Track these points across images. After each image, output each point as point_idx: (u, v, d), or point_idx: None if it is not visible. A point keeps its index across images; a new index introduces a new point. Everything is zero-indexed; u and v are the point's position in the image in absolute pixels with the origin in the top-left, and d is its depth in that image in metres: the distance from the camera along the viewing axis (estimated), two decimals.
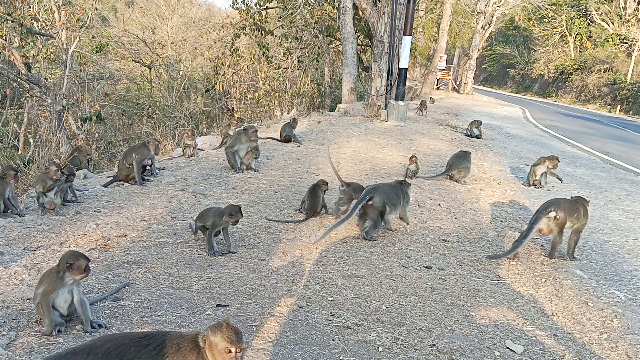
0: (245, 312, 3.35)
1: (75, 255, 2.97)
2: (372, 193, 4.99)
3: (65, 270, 2.93)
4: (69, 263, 2.92)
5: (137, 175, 6.34)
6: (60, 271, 2.93)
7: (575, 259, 4.96)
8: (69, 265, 2.92)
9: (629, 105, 35.70)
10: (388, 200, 5.09)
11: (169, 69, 21.76)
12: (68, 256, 2.96)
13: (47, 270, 3.10)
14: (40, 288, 2.94)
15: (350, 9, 15.19)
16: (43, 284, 2.96)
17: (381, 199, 5.02)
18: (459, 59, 44.20)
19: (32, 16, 13.14)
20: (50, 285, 2.94)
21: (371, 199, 4.96)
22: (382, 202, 5.01)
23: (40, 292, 2.94)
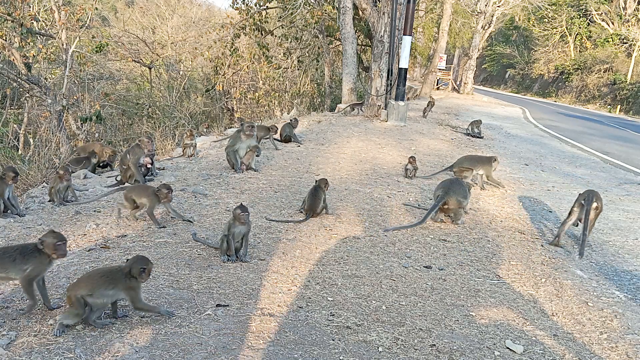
0: (245, 312, 3.35)
1: (146, 260, 3.12)
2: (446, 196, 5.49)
3: (138, 275, 3.06)
4: (143, 268, 3.06)
5: (138, 176, 6.33)
6: (132, 276, 3.05)
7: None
8: (143, 269, 3.06)
9: (629, 105, 35.70)
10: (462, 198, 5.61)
11: (169, 69, 21.76)
12: (139, 260, 3.09)
13: (106, 270, 3.14)
14: (112, 290, 3.03)
15: (350, 9, 15.19)
16: (117, 288, 3.03)
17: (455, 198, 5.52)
18: (459, 59, 44.20)
19: (32, 16, 13.15)
20: (137, 290, 3.08)
21: (446, 202, 5.52)
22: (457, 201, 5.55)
23: (124, 296, 3.07)
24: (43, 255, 3.12)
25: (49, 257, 3.13)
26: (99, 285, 3.01)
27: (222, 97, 20.74)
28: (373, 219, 5.60)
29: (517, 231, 5.76)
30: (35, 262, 3.10)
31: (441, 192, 5.58)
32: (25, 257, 3.10)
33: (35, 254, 3.12)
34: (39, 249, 3.12)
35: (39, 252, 3.12)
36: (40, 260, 3.11)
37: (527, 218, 6.34)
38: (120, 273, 3.06)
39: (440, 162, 9.35)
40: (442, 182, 5.89)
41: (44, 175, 8.28)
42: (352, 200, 6.27)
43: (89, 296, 2.97)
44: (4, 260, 3.09)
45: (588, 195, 5.30)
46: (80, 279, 3.10)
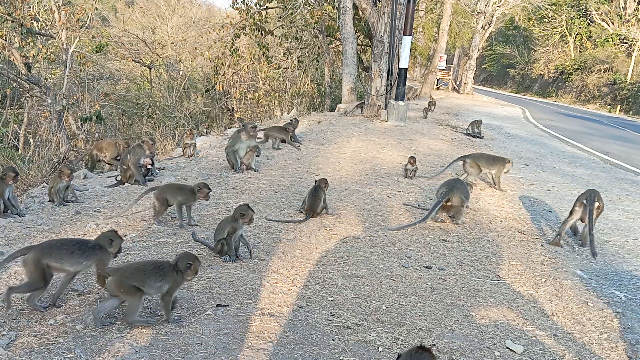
0: (245, 312, 3.35)
1: (193, 257, 3.17)
2: (449, 193, 5.49)
3: (184, 271, 3.11)
4: (189, 263, 3.12)
5: (138, 177, 6.34)
6: (179, 271, 3.10)
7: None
8: (189, 265, 3.12)
9: (629, 105, 35.71)
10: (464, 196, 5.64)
11: (169, 69, 21.75)
12: (187, 257, 3.16)
13: (157, 263, 3.19)
14: (164, 285, 3.09)
15: (350, 9, 15.18)
16: (164, 280, 3.08)
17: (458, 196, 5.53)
18: (459, 59, 44.20)
19: (32, 16, 13.14)
20: (176, 284, 3.13)
21: (450, 199, 5.51)
22: (460, 199, 5.55)
23: (168, 289, 3.11)
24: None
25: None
26: (150, 277, 3.05)
27: (222, 97, 20.73)
28: (373, 219, 5.60)
29: (517, 231, 5.76)
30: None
31: (445, 189, 5.60)
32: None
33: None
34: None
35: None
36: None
37: (527, 218, 6.34)
38: (170, 267, 3.12)
39: (440, 162, 9.35)
40: (446, 181, 5.89)
41: (44, 175, 8.28)
42: (352, 200, 6.27)
43: (143, 289, 3.04)
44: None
45: (590, 195, 5.33)
46: (128, 270, 3.09)
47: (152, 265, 3.13)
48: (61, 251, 3.12)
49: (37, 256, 3.06)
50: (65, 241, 3.28)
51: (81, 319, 3.08)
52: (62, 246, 3.16)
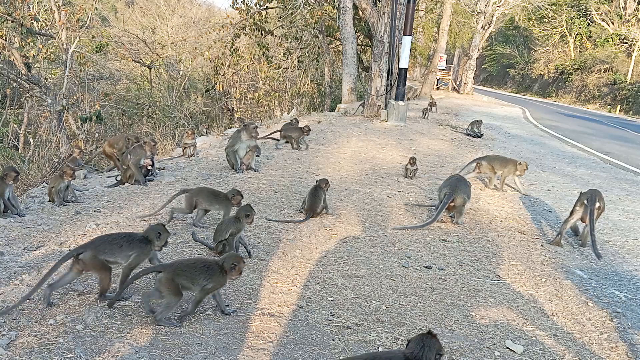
0: (245, 312, 3.35)
1: (238, 258, 3.23)
2: (454, 194, 5.52)
3: (229, 270, 3.17)
4: (234, 264, 3.18)
5: (139, 177, 6.34)
6: (224, 270, 3.17)
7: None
8: (234, 265, 3.18)
9: (629, 105, 35.71)
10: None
11: (169, 69, 21.76)
12: (232, 257, 3.21)
13: (205, 261, 3.23)
14: (209, 284, 3.14)
15: (350, 9, 15.19)
16: (211, 280, 3.13)
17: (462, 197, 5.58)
18: (459, 59, 44.20)
19: (32, 16, 13.15)
20: (219, 284, 3.18)
21: (454, 200, 5.54)
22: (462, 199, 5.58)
23: (211, 287, 3.16)
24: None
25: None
26: (200, 275, 3.10)
27: (222, 97, 20.73)
28: (373, 219, 5.60)
29: (517, 231, 5.76)
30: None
31: (449, 190, 5.58)
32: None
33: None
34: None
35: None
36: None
37: (527, 218, 6.34)
38: (217, 266, 3.16)
39: (440, 162, 9.35)
40: (448, 181, 5.86)
41: (44, 175, 8.28)
42: (352, 200, 6.27)
43: (189, 286, 3.09)
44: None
45: (591, 195, 5.33)
46: (178, 267, 3.12)
47: (202, 264, 3.18)
48: (112, 246, 3.27)
49: (94, 254, 3.21)
50: (115, 236, 3.40)
51: (81, 319, 3.08)
52: (113, 241, 3.30)
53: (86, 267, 3.25)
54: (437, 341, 2.18)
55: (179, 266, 3.15)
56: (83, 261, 3.22)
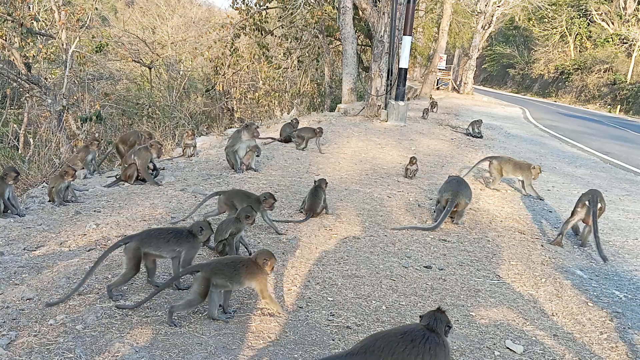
0: (245, 312, 3.35)
1: (270, 254, 3.26)
2: (458, 199, 5.54)
3: (263, 266, 3.23)
4: (265, 259, 3.21)
5: (148, 178, 6.34)
6: (264, 269, 3.23)
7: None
8: (265, 260, 3.22)
9: (629, 105, 35.71)
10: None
11: (169, 69, 21.76)
12: (264, 253, 3.25)
13: (244, 259, 3.29)
14: (252, 284, 3.22)
15: (350, 9, 15.18)
16: (253, 279, 3.19)
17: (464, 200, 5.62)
18: (459, 59, 44.19)
19: (32, 16, 13.14)
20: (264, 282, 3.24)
21: (457, 205, 5.57)
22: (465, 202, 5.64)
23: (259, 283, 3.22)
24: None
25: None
26: (235, 275, 3.15)
27: (222, 97, 20.73)
28: (373, 219, 5.60)
29: (517, 231, 5.76)
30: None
31: (451, 196, 5.54)
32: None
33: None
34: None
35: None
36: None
37: (527, 218, 6.34)
38: (253, 263, 3.22)
39: (440, 162, 9.35)
40: (449, 184, 5.76)
41: (44, 175, 8.28)
42: (352, 200, 6.27)
43: (226, 285, 3.14)
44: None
45: (593, 196, 5.30)
46: (215, 266, 3.16)
47: (239, 262, 3.24)
48: (159, 240, 3.37)
49: (137, 245, 3.31)
50: (162, 230, 3.51)
51: (81, 319, 3.08)
52: (160, 235, 3.40)
53: (126, 255, 3.35)
54: (445, 316, 2.46)
55: (216, 265, 3.18)
56: (126, 250, 3.34)
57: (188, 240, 3.45)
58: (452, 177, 6.12)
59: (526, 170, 7.31)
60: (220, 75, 19.27)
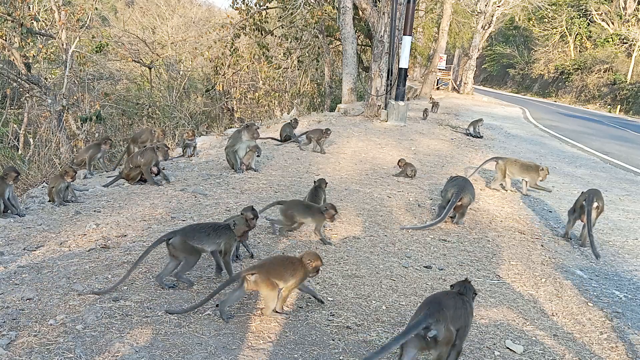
0: (245, 312, 3.35)
1: (316, 256, 3.41)
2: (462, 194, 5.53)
3: (311, 272, 3.38)
4: (310, 260, 3.35)
5: (150, 180, 6.34)
6: (308, 272, 3.36)
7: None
8: (309, 262, 3.34)
9: (629, 105, 35.71)
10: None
11: (169, 69, 21.76)
12: (311, 255, 3.40)
13: (293, 259, 3.41)
14: (292, 280, 3.31)
15: (350, 9, 15.18)
16: (294, 276, 3.30)
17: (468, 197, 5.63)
18: (459, 59, 44.20)
19: (32, 16, 13.15)
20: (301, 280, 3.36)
21: (462, 199, 5.55)
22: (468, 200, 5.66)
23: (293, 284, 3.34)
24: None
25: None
26: (287, 272, 3.27)
27: (222, 97, 20.74)
28: (373, 219, 5.60)
29: (517, 231, 5.76)
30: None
31: (456, 190, 5.52)
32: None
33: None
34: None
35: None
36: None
37: (527, 218, 6.34)
38: (299, 263, 3.33)
39: (440, 162, 9.35)
40: (454, 181, 5.77)
41: (44, 175, 8.29)
42: (352, 200, 6.27)
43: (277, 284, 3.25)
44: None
45: (589, 196, 5.35)
46: (270, 267, 3.26)
47: (287, 261, 3.37)
48: (200, 234, 3.55)
49: (183, 239, 3.50)
50: (203, 225, 3.70)
51: (81, 319, 3.08)
52: (201, 229, 3.60)
53: (175, 251, 3.51)
54: (472, 285, 2.99)
55: (270, 265, 3.28)
56: (173, 245, 3.50)
57: (226, 233, 3.63)
58: (454, 176, 6.11)
59: (533, 171, 7.31)
60: (220, 75, 19.28)
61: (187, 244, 3.51)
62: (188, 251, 3.52)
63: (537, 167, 7.37)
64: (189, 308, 3.27)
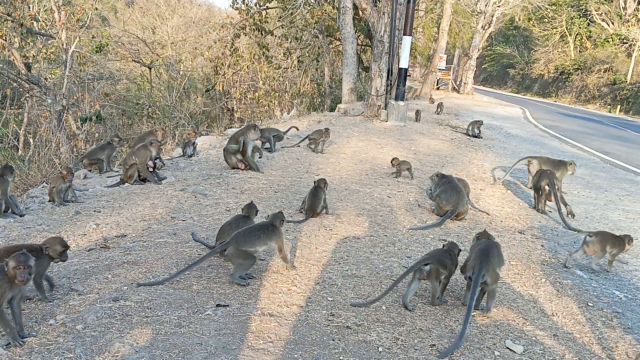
0: (245, 312, 3.35)
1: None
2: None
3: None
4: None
5: (149, 177, 6.34)
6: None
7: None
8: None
9: (629, 105, 35.71)
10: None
11: (169, 69, 21.78)
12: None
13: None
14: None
15: (350, 9, 15.19)
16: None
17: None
18: (459, 59, 44.19)
19: (32, 16, 13.16)
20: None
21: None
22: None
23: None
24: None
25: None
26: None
27: (222, 97, 20.75)
28: (373, 219, 5.60)
29: (517, 231, 5.76)
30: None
31: (452, 208, 5.70)
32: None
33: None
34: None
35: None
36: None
37: (527, 218, 6.34)
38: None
39: (440, 162, 9.35)
40: (452, 189, 5.81)
41: (44, 175, 8.29)
42: (352, 200, 6.27)
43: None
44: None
45: (550, 180, 6.40)
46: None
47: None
48: (251, 237, 3.77)
49: (236, 246, 3.69)
50: (250, 229, 3.90)
51: (81, 319, 3.08)
52: (250, 234, 3.81)
53: (232, 260, 3.74)
54: (491, 235, 3.94)
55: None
56: (228, 255, 3.73)
57: (274, 232, 3.84)
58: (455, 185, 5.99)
59: (562, 167, 7.46)
60: (220, 75, 19.29)
61: (241, 251, 3.69)
62: (243, 256, 3.71)
63: (565, 162, 7.53)
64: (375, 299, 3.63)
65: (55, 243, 3.32)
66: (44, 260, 3.24)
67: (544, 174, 6.54)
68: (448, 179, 5.99)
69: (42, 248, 3.25)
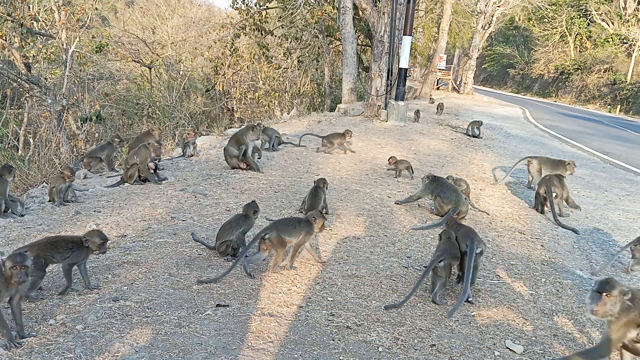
0: (245, 312, 3.35)
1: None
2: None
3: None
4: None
5: (150, 177, 6.35)
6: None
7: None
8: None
9: (629, 105, 35.71)
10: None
11: (169, 69, 21.78)
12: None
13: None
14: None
15: (350, 9, 15.19)
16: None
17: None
18: (459, 59, 44.21)
19: (32, 16, 13.16)
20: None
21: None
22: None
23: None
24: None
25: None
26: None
27: (222, 97, 20.75)
28: (373, 219, 5.60)
29: (517, 231, 5.76)
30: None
31: (455, 199, 5.74)
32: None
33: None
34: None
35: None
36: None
37: (527, 218, 6.34)
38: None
39: (440, 162, 9.35)
40: (451, 188, 5.85)
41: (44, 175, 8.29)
42: (352, 200, 6.27)
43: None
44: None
45: (548, 188, 6.38)
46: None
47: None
48: (289, 227, 4.01)
49: (278, 233, 3.95)
50: (289, 219, 4.16)
51: (81, 319, 3.08)
52: (289, 223, 4.06)
53: (272, 245, 3.96)
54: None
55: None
56: (270, 239, 3.94)
57: (307, 225, 4.06)
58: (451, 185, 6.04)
59: (562, 167, 7.49)
60: (220, 75, 19.30)
61: (281, 237, 3.94)
62: (281, 244, 3.96)
63: (564, 162, 7.56)
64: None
65: (94, 236, 3.46)
66: (83, 252, 3.41)
67: (543, 180, 6.56)
68: (440, 181, 5.96)
69: (82, 240, 3.41)
